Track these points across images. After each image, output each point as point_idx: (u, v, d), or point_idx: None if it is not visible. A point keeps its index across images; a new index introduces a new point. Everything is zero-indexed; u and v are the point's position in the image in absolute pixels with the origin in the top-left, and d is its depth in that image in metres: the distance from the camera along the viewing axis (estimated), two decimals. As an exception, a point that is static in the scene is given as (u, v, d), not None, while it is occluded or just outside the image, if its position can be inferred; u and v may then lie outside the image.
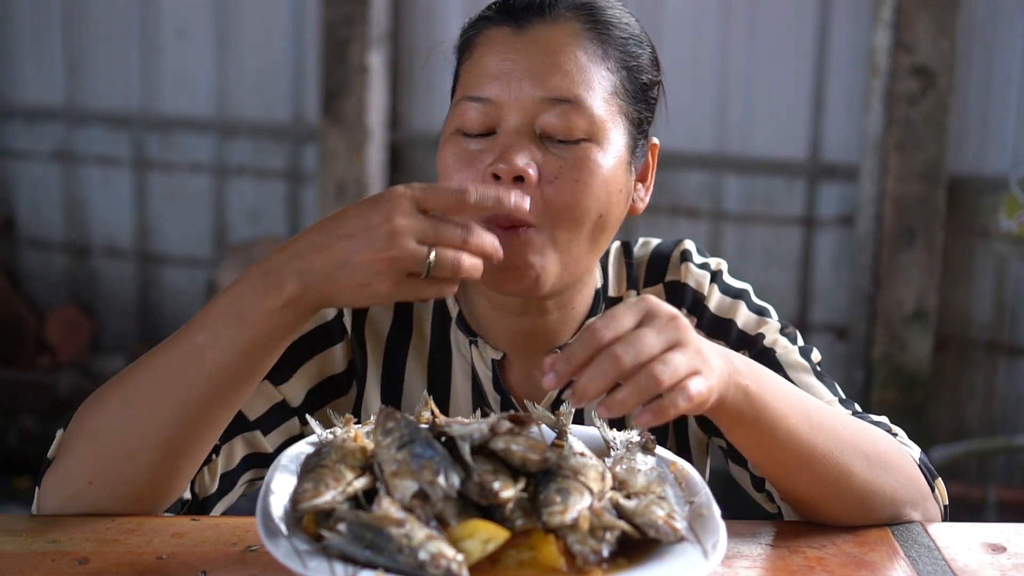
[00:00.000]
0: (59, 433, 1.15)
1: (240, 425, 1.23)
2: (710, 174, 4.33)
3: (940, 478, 1.20)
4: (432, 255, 1.01)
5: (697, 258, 1.36)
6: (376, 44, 4.38)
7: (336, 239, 1.02)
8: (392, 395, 1.32)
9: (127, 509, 1.13)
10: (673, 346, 0.96)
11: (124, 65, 4.94)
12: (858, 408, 1.26)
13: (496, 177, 1.16)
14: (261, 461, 1.26)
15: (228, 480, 1.24)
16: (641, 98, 1.25)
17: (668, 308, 0.98)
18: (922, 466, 1.17)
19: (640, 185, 1.29)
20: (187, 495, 1.19)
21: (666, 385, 0.94)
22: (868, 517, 1.14)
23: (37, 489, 1.15)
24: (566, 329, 1.30)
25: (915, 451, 1.19)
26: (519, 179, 1.16)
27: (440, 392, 1.32)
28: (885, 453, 1.14)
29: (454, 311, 1.32)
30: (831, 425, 1.11)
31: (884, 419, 1.24)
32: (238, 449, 1.24)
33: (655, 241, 1.39)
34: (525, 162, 1.16)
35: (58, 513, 1.13)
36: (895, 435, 1.21)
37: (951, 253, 4.08)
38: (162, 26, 4.86)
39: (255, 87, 4.80)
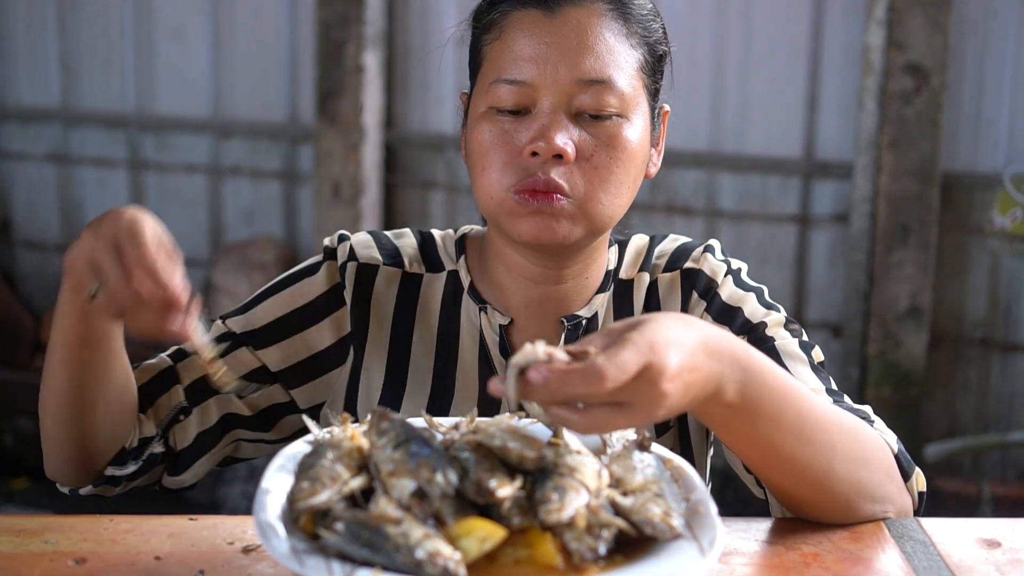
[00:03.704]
0: None
1: (211, 389, 1.33)
2: (705, 172, 4.33)
3: (918, 468, 1.21)
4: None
5: (719, 254, 1.40)
6: (371, 44, 4.37)
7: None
8: (398, 365, 1.37)
9: (70, 473, 1.27)
10: (623, 410, 0.94)
11: (119, 66, 4.93)
12: (846, 399, 1.27)
13: (534, 154, 1.23)
14: (242, 422, 1.35)
15: (209, 437, 1.34)
16: (657, 69, 1.33)
17: (664, 384, 0.94)
18: (901, 458, 1.19)
19: (653, 151, 1.36)
20: (159, 448, 1.30)
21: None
22: (850, 515, 1.16)
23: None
24: (579, 299, 1.37)
25: (892, 439, 1.20)
26: (558, 156, 1.23)
27: (446, 360, 1.37)
28: (869, 453, 1.15)
29: (466, 281, 1.39)
30: (824, 435, 1.10)
31: (866, 408, 1.26)
32: (212, 410, 1.34)
33: (685, 239, 1.44)
34: (564, 141, 1.23)
35: (52, 477, 1.29)
36: (872, 423, 1.22)
37: (945, 250, 4.08)
38: (157, 27, 4.85)
39: (250, 87, 4.79)
